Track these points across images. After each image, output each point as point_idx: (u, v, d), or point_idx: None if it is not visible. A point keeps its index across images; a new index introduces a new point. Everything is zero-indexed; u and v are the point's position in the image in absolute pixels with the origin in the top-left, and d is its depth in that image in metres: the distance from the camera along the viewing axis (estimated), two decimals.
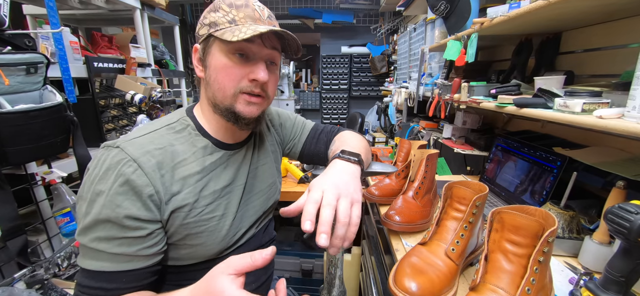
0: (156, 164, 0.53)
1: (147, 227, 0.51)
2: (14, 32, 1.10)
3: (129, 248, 0.50)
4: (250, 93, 0.58)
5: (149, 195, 0.51)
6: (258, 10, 0.57)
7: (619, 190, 0.64)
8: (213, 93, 0.58)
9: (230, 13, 0.55)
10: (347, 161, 0.59)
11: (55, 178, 1.19)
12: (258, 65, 0.57)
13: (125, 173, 0.49)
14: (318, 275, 1.71)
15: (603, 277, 0.52)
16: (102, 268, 0.49)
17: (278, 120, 0.83)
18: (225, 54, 0.56)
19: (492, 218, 0.54)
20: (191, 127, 0.61)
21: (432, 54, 1.72)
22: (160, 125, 0.60)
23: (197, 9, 4.02)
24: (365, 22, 4.00)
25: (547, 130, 1.07)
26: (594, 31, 0.90)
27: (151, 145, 0.54)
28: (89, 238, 0.49)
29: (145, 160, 0.51)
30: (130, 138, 0.54)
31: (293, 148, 0.85)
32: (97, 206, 0.48)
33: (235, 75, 0.56)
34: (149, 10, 1.96)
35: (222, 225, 0.61)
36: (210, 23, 0.56)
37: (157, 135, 0.57)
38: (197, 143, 0.60)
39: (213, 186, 0.59)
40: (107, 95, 1.58)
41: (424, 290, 0.56)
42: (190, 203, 0.55)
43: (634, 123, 0.50)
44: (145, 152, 0.52)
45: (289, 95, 3.70)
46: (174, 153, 0.56)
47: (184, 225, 0.55)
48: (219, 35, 0.54)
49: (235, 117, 0.59)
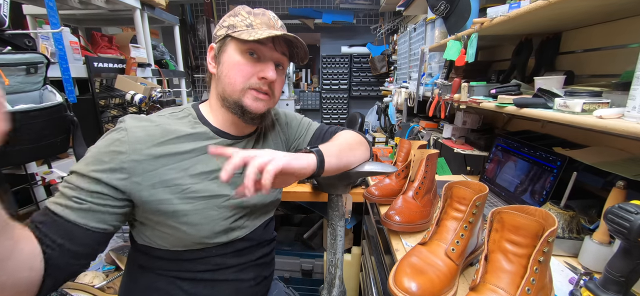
0: (144, 136, 0.56)
1: (99, 186, 0.52)
2: (14, 32, 1.10)
3: (70, 192, 0.51)
4: (258, 90, 0.62)
5: (120, 160, 0.53)
6: (273, 20, 0.64)
7: (619, 190, 0.64)
8: (223, 87, 0.62)
9: (248, 18, 0.62)
10: (305, 151, 0.61)
11: (55, 178, 1.19)
12: (268, 65, 0.62)
13: (112, 137, 0.55)
14: (318, 275, 1.71)
15: (603, 277, 0.52)
16: (54, 209, 0.50)
17: (284, 119, 0.85)
18: (240, 53, 0.61)
19: (492, 218, 0.54)
20: (192, 116, 0.65)
21: (432, 54, 1.72)
22: (165, 112, 0.65)
23: (197, 9, 4.01)
24: (365, 22, 3.99)
25: (547, 130, 1.07)
26: (594, 31, 0.90)
27: (147, 122, 0.59)
28: (64, 181, 0.54)
29: (134, 130, 0.56)
30: (136, 116, 0.60)
31: (298, 148, 0.86)
32: (84, 159, 0.54)
33: (247, 72, 0.61)
34: (149, 10, 1.96)
35: (211, 205, 0.61)
36: (229, 25, 0.62)
37: (157, 117, 0.62)
38: (195, 128, 0.63)
39: (201, 168, 0.61)
40: (107, 95, 1.59)
41: (424, 290, 0.56)
42: (174, 178, 0.58)
43: (634, 123, 0.50)
44: (139, 125, 0.57)
45: (289, 95, 3.70)
46: (166, 130, 0.59)
47: (168, 200, 0.57)
48: (236, 35, 0.59)
49: (242, 110, 0.62)
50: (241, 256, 0.69)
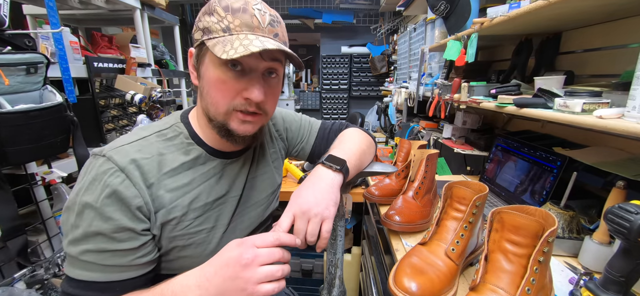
0: (141, 175, 0.50)
1: (139, 238, 0.50)
2: (14, 32, 1.10)
3: (121, 259, 0.49)
4: (244, 112, 0.53)
5: (137, 207, 0.49)
6: (257, 16, 0.50)
7: (619, 190, 0.64)
8: (206, 106, 0.54)
9: (225, 19, 0.48)
10: (329, 168, 0.59)
11: (55, 178, 1.19)
12: (253, 81, 0.51)
13: (112, 184, 0.47)
14: (318, 275, 1.71)
15: (603, 277, 0.52)
16: (93, 278, 0.47)
17: (283, 124, 0.80)
18: (218, 67, 0.50)
19: (492, 218, 0.54)
20: (184, 135, 0.57)
21: (432, 54, 1.72)
22: (150, 131, 0.56)
23: (197, 9, 4.01)
24: (365, 22, 3.99)
25: (547, 130, 1.07)
26: (594, 31, 0.90)
27: (138, 154, 0.51)
28: (79, 250, 0.47)
29: (132, 169, 0.49)
30: (117, 145, 0.51)
31: (301, 151, 0.82)
32: (87, 219, 0.47)
33: (228, 91, 0.51)
34: (149, 10, 1.96)
35: (211, 237, 0.59)
36: (204, 28, 0.50)
37: (145, 143, 0.53)
38: (190, 153, 0.56)
39: (204, 198, 0.57)
40: (107, 95, 1.58)
41: (424, 290, 0.56)
42: (178, 217, 0.53)
43: (634, 123, 0.50)
44: (131, 160, 0.49)
45: (289, 95, 3.70)
46: (161, 163, 0.53)
47: (171, 237, 0.54)
48: (210, 46, 0.48)
49: (228, 133, 0.55)
50: None
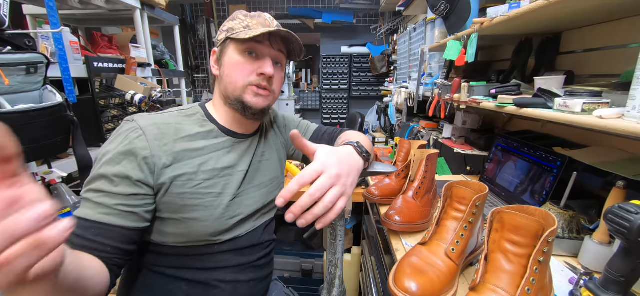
0: (160, 134, 0.60)
1: (133, 187, 0.55)
2: (14, 32, 1.10)
3: (110, 200, 0.54)
4: (258, 86, 0.66)
5: (143, 157, 0.56)
6: (269, 21, 0.68)
7: (619, 190, 0.64)
8: (225, 86, 0.66)
9: (245, 21, 0.66)
10: (359, 153, 0.62)
11: (55, 178, 1.19)
12: (265, 61, 0.65)
13: (130, 137, 0.57)
14: (318, 275, 1.72)
15: (603, 277, 0.52)
16: (82, 214, 0.53)
17: (283, 122, 0.88)
18: (239, 53, 0.65)
19: (492, 218, 0.54)
20: (201, 114, 0.69)
21: (432, 54, 1.72)
22: (173, 110, 0.68)
23: (197, 9, 4.01)
24: (365, 22, 3.99)
25: (547, 130, 1.07)
26: (594, 31, 0.90)
27: (160, 120, 0.62)
28: (86, 189, 0.55)
29: (150, 129, 0.59)
30: (145, 115, 0.62)
31: (297, 150, 0.88)
32: (101, 163, 0.55)
33: (246, 70, 0.65)
34: (149, 10, 1.96)
35: (219, 202, 0.64)
36: (228, 29, 0.66)
37: (168, 115, 0.65)
38: (204, 127, 0.67)
39: (213, 164, 0.64)
40: (107, 95, 1.58)
41: (424, 290, 0.56)
42: (189, 173, 0.61)
43: (634, 123, 0.50)
44: (152, 123, 0.60)
45: (289, 95, 3.70)
46: (179, 129, 0.63)
47: (182, 194, 0.60)
48: (234, 36, 0.64)
49: (243, 106, 0.66)
50: (241, 256, 0.70)
